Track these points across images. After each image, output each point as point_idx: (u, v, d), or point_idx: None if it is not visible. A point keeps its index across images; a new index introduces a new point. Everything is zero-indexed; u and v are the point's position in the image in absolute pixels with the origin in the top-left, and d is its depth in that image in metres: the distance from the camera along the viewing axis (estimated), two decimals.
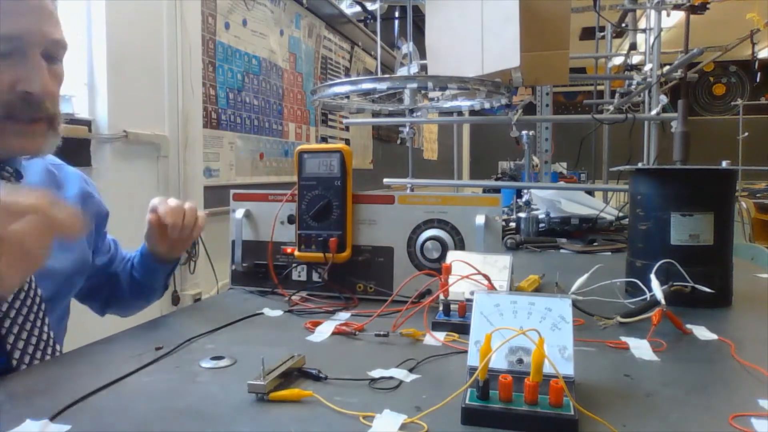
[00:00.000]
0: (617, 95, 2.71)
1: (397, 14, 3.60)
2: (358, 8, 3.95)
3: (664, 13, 1.95)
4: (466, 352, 0.56)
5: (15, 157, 0.80)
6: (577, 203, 2.02)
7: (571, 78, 1.59)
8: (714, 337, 0.76)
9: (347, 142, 3.98)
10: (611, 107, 2.79)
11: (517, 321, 0.56)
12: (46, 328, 0.77)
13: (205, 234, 2.16)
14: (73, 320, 0.98)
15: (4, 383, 0.61)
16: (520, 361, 0.54)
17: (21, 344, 0.72)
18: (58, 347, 0.80)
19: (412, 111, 1.90)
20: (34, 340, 0.74)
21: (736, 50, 5.01)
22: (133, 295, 1.04)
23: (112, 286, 1.05)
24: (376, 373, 0.62)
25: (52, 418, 0.50)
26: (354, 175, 1.01)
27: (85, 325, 1.03)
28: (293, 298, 0.99)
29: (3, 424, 0.50)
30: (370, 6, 3.56)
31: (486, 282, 0.82)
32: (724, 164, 0.98)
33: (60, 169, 0.94)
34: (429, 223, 0.97)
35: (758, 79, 7.50)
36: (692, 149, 1.32)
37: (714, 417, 0.52)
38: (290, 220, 1.04)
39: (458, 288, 0.82)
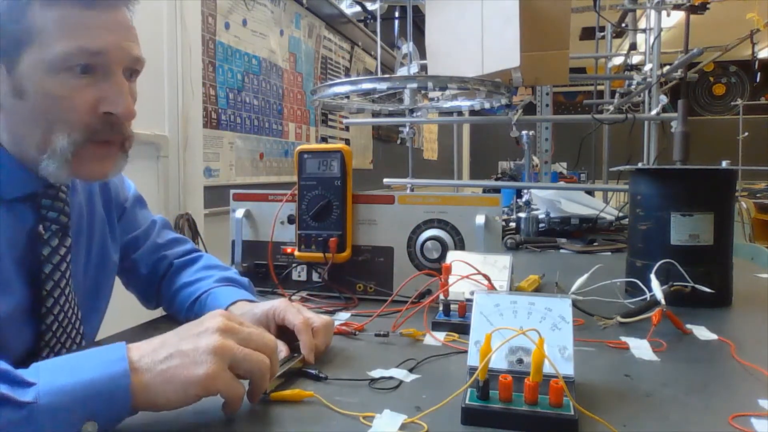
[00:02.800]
0: (617, 95, 2.71)
1: (397, 14, 3.59)
2: (358, 8, 3.95)
3: (664, 13, 1.95)
4: (466, 352, 0.56)
5: (82, 180, 0.77)
6: (577, 203, 2.02)
7: (571, 78, 1.59)
8: (714, 337, 0.76)
9: (347, 142, 3.98)
10: (611, 107, 2.79)
11: (517, 321, 0.56)
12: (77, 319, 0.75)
13: (205, 234, 2.16)
14: None
15: None
16: (520, 361, 0.54)
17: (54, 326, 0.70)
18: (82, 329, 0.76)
19: (412, 111, 1.90)
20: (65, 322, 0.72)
21: (736, 50, 5.01)
22: (147, 298, 0.95)
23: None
24: (376, 373, 0.62)
25: None
26: (354, 175, 1.01)
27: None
28: (293, 298, 0.99)
29: None
30: (370, 6, 3.56)
31: (486, 282, 0.82)
32: (724, 164, 0.98)
33: None
34: (429, 223, 0.97)
35: (758, 79, 7.49)
36: (692, 149, 1.32)
37: (714, 417, 0.52)
38: (290, 220, 1.04)
39: (458, 288, 0.82)
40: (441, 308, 0.81)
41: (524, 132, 2.54)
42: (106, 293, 0.86)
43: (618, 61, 3.55)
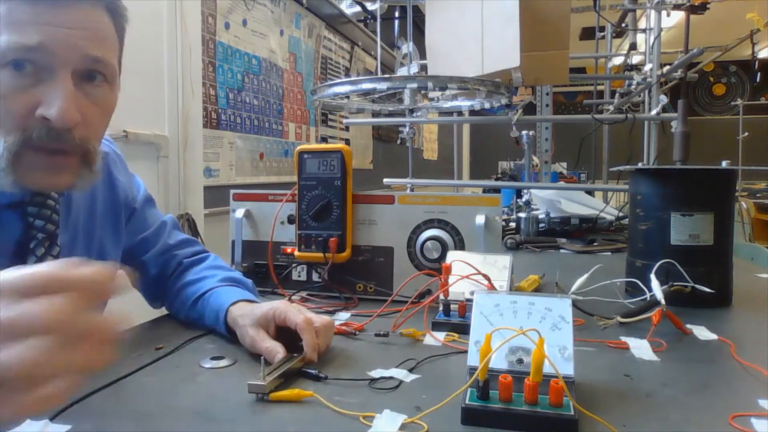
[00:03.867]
0: (617, 95, 2.71)
1: (397, 14, 3.59)
2: (358, 8, 3.95)
3: (664, 13, 1.95)
4: (466, 352, 0.56)
5: (48, 191, 0.69)
6: (577, 203, 2.02)
7: (571, 78, 1.59)
8: (714, 337, 0.76)
9: (347, 142, 3.98)
10: (611, 107, 2.79)
11: (517, 321, 0.56)
12: None
13: (205, 234, 2.16)
14: None
15: None
16: (520, 361, 0.54)
17: None
18: None
19: (412, 111, 1.90)
20: None
21: (736, 50, 5.01)
22: (154, 297, 0.93)
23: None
24: (376, 373, 0.62)
25: (52, 418, 0.50)
26: (354, 175, 1.01)
27: None
28: (293, 298, 0.99)
29: (3, 424, 0.50)
30: (370, 6, 3.56)
31: (486, 282, 0.82)
32: (724, 164, 0.98)
33: None
34: (429, 223, 0.97)
35: (758, 79, 7.50)
36: (692, 149, 1.32)
37: (714, 417, 0.52)
38: (290, 220, 1.04)
39: (458, 288, 0.82)
40: (441, 308, 0.81)
41: (524, 132, 2.54)
42: None
43: (618, 61, 3.55)
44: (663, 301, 0.78)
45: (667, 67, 1.99)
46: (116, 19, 0.68)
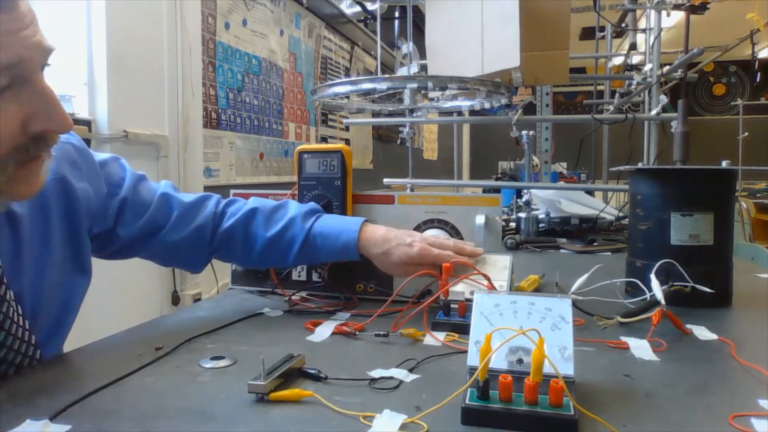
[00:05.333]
0: (617, 95, 2.71)
1: (397, 14, 3.59)
2: (358, 8, 3.95)
3: (664, 13, 1.95)
4: (466, 352, 0.56)
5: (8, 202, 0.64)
6: (577, 203, 2.02)
7: (571, 78, 1.59)
8: (714, 337, 0.76)
9: (347, 142, 3.98)
10: (611, 107, 2.79)
11: (517, 321, 0.56)
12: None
13: None
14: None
15: (5, 383, 0.61)
16: (520, 361, 0.54)
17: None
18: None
19: (412, 111, 1.90)
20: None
21: (736, 50, 5.01)
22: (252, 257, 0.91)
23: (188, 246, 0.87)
24: (376, 373, 0.62)
25: (52, 418, 0.50)
26: (354, 175, 1.01)
27: (85, 325, 1.03)
28: (293, 298, 0.99)
29: (3, 424, 0.50)
30: (370, 6, 3.56)
31: (486, 282, 0.82)
32: (724, 164, 0.98)
33: None
34: (429, 223, 0.97)
35: (758, 79, 7.50)
36: (692, 149, 1.32)
37: (714, 417, 0.52)
38: None
39: (458, 288, 0.82)
40: (441, 308, 0.81)
41: (524, 132, 2.54)
42: (75, 304, 0.79)
43: (618, 61, 3.55)
44: (663, 301, 0.78)
45: (667, 67, 1.99)
46: None
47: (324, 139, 3.64)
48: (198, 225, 0.88)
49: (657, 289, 0.81)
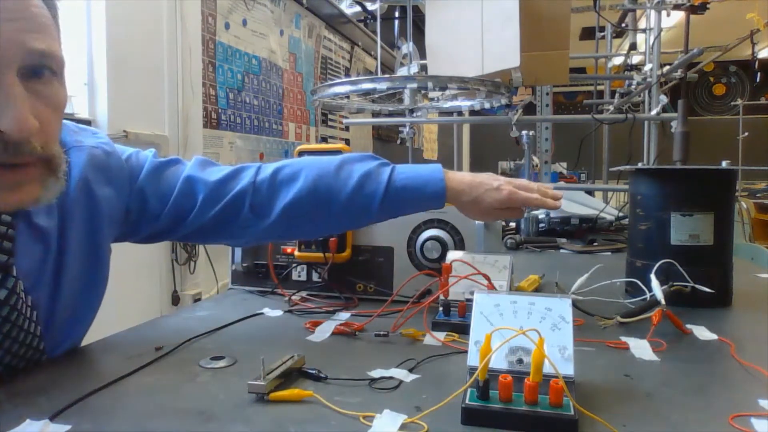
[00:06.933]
0: (617, 95, 2.72)
1: (397, 14, 3.60)
2: (358, 8, 3.95)
3: (664, 13, 1.95)
4: (466, 352, 0.56)
5: (11, 210, 0.61)
6: (577, 203, 2.02)
7: (571, 78, 1.59)
8: (714, 337, 0.76)
9: (347, 142, 3.98)
10: (611, 107, 2.79)
11: (517, 321, 0.56)
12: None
13: None
14: None
15: (4, 383, 0.61)
16: (520, 361, 0.54)
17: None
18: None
19: (412, 111, 1.90)
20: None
21: (736, 50, 5.00)
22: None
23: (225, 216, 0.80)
24: (376, 373, 0.62)
25: (52, 418, 0.50)
26: None
27: None
28: (293, 298, 0.99)
29: (3, 424, 0.50)
30: (370, 6, 3.56)
31: (486, 282, 0.82)
32: (724, 164, 0.98)
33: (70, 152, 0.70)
34: (429, 223, 0.97)
35: (758, 79, 7.49)
36: (692, 149, 1.32)
37: (714, 417, 0.52)
38: None
39: (458, 288, 0.82)
40: (441, 308, 0.81)
41: (524, 132, 2.54)
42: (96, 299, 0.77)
43: (618, 61, 3.56)
44: (663, 301, 0.78)
45: (667, 67, 2.00)
46: (48, 1, 0.58)
47: (324, 139, 3.64)
48: (230, 199, 0.79)
49: (657, 289, 0.81)
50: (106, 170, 0.75)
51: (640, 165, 1.36)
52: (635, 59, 2.89)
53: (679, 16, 2.62)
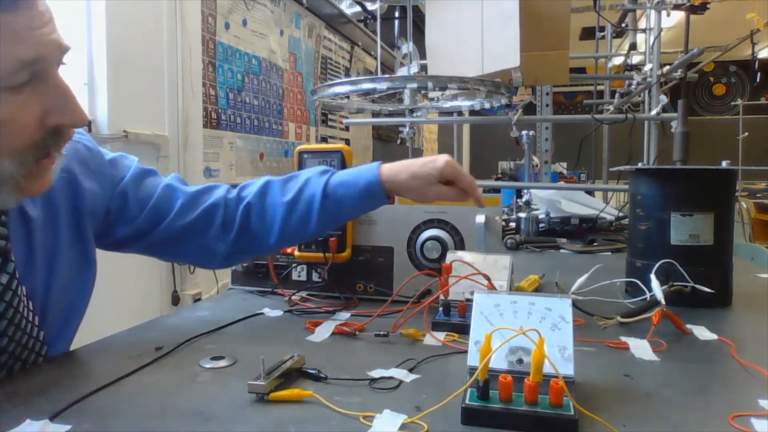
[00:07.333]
0: (617, 95, 2.72)
1: (397, 14, 3.59)
2: (358, 8, 3.95)
3: (664, 13, 1.95)
4: (466, 352, 0.56)
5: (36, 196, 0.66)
6: (577, 203, 2.02)
7: (571, 78, 1.59)
8: (714, 337, 0.76)
9: (347, 142, 3.98)
10: (611, 107, 2.79)
11: (517, 321, 0.56)
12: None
13: None
14: None
15: (4, 383, 0.61)
16: (520, 361, 0.54)
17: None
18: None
19: (412, 111, 1.90)
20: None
21: (736, 50, 5.00)
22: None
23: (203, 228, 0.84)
24: (376, 373, 0.62)
25: (52, 418, 0.50)
26: None
27: (85, 325, 1.03)
28: (293, 298, 0.99)
29: (3, 424, 0.50)
30: (370, 6, 3.56)
31: (486, 282, 0.82)
32: (724, 164, 0.98)
33: None
34: (429, 223, 0.97)
35: (758, 79, 7.49)
36: (692, 149, 1.32)
37: (714, 417, 0.52)
38: None
39: (458, 288, 0.82)
40: (441, 308, 0.81)
41: (524, 132, 2.54)
42: (84, 297, 0.79)
43: (618, 61, 3.56)
44: (663, 301, 0.78)
45: (667, 67, 2.00)
46: None
47: (324, 139, 3.64)
48: (205, 208, 0.84)
49: (657, 289, 0.81)
50: (89, 165, 0.77)
51: (640, 165, 1.36)
52: (635, 59, 2.89)
53: (679, 16, 2.62)
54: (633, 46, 2.73)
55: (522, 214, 1.91)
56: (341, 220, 0.89)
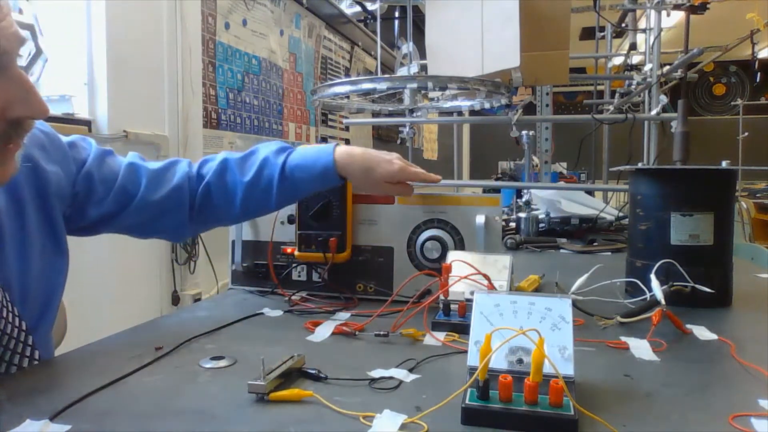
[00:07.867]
0: (617, 95, 2.71)
1: (397, 14, 3.60)
2: (358, 8, 3.95)
3: (664, 13, 1.95)
4: (466, 352, 0.56)
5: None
6: (577, 203, 2.02)
7: (571, 78, 1.59)
8: (714, 337, 0.76)
9: (347, 142, 3.98)
10: (611, 107, 2.79)
11: (517, 321, 0.56)
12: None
13: (205, 234, 2.16)
14: (73, 320, 0.98)
15: (4, 383, 0.61)
16: (520, 361, 0.54)
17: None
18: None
19: (412, 111, 1.90)
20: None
21: (736, 50, 5.00)
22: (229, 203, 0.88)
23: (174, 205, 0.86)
24: (376, 373, 0.62)
25: (52, 418, 0.50)
26: None
27: (85, 325, 1.03)
28: (293, 298, 0.99)
29: (3, 424, 0.50)
30: (370, 6, 3.56)
31: (486, 282, 0.82)
32: (724, 164, 0.98)
33: None
34: (429, 223, 0.97)
35: (758, 79, 7.48)
36: (692, 149, 1.32)
37: (714, 417, 0.52)
38: (290, 220, 1.04)
39: (458, 288, 0.82)
40: (441, 308, 0.81)
41: (524, 132, 2.54)
42: (59, 286, 0.79)
43: (618, 61, 3.55)
44: (663, 301, 0.78)
45: (667, 67, 1.99)
46: None
47: (324, 139, 3.64)
48: (174, 186, 0.85)
49: (657, 289, 0.81)
50: (48, 149, 0.77)
51: (640, 165, 1.36)
52: (635, 59, 2.89)
53: (679, 16, 2.62)
54: (633, 46, 2.73)
55: (522, 214, 1.91)
56: (299, 197, 0.96)
